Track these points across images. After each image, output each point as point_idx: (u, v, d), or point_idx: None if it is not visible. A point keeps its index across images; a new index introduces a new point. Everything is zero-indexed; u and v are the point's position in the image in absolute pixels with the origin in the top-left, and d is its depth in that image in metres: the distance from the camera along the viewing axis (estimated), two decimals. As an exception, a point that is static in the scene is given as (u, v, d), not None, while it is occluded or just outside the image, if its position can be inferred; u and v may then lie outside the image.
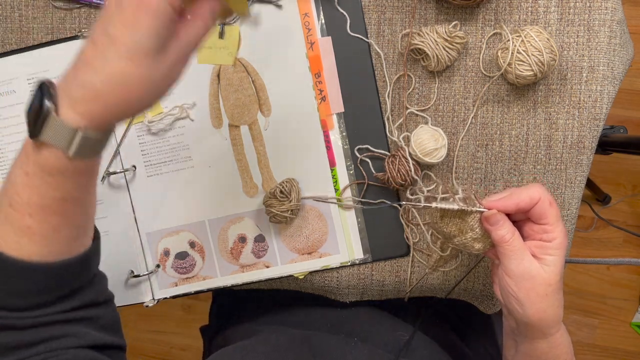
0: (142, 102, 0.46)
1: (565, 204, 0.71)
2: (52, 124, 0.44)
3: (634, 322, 1.55)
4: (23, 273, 0.49)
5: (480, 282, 0.74)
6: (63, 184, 0.47)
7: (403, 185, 0.69)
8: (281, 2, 0.71)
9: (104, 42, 0.43)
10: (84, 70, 0.44)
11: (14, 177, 0.48)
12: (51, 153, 0.45)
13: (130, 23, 0.42)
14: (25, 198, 0.47)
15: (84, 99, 0.44)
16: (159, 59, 0.44)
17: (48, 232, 0.48)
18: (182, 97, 0.73)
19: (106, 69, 0.43)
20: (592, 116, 0.69)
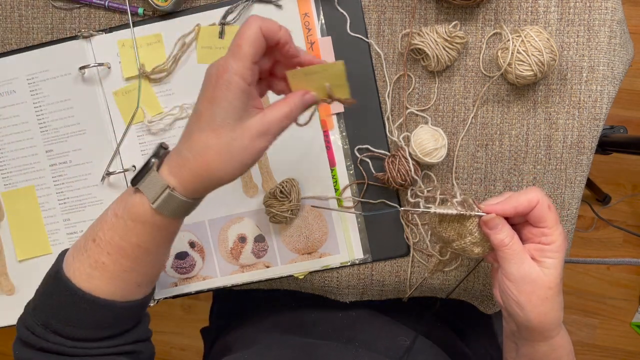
0: (222, 171, 0.50)
1: (565, 204, 0.71)
2: (150, 177, 0.51)
3: (634, 322, 1.55)
4: (89, 306, 0.53)
5: (481, 282, 0.74)
6: (141, 232, 0.53)
7: (403, 185, 0.69)
8: (281, 2, 0.71)
9: (194, 116, 0.50)
10: (181, 141, 0.51)
11: (105, 216, 0.54)
12: (141, 201, 0.52)
13: (210, 97, 0.49)
14: (108, 237, 0.53)
15: (177, 164, 0.51)
16: (238, 131, 0.49)
17: (118, 272, 0.54)
18: (182, 97, 0.73)
19: (191, 139, 0.50)
20: (592, 116, 0.69)
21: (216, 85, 0.48)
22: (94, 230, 0.55)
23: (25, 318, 0.56)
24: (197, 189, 0.52)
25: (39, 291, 0.57)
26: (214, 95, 0.48)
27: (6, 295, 0.78)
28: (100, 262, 0.53)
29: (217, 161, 0.49)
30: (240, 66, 0.48)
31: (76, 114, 0.74)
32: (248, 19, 0.50)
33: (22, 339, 0.56)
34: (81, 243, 0.56)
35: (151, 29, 0.72)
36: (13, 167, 0.76)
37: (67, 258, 0.56)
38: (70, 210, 0.76)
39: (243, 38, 0.49)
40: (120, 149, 0.74)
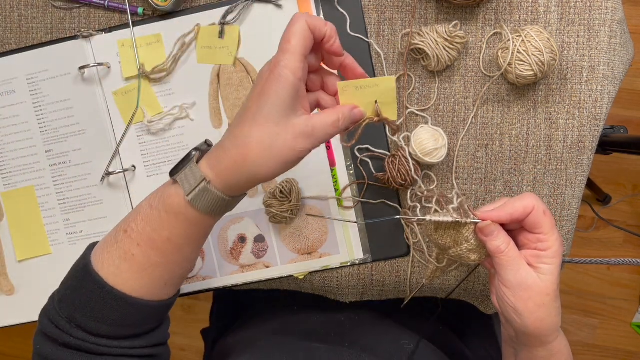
0: (259, 165, 0.49)
1: (566, 204, 0.71)
2: (188, 169, 0.51)
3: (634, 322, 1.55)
4: (115, 302, 0.53)
5: (481, 282, 0.74)
6: (174, 225, 0.52)
7: (403, 185, 0.69)
8: (281, 2, 0.71)
9: (241, 111, 0.51)
10: (224, 136, 0.51)
11: (140, 207, 0.54)
12: (176, 192, 0.52)
13: (260, 92, 0.49)
14: (141, 228, 0.53)
15: (216, 157, 0.51)
16: (282, 126, 0.49)
17: (147, 265, 0.53)
18: (182, 97, 0.73)
19: (234, 132, 0.50)
20: (592, 116, 0.69)
21: (267, 80, 0.48)
22: (126, 221, 0.55)
23: (49, 310, 0.55)
24: (232, 184, 0.51)
25: (65, 284, 0.56)
26: (264, 89, 0.48)
27: (6, 296, 0.78)
28: (130, 254, 0.53)
29: (257, 153, 0.49)
30: (291, 59, 0.48)
31: (76, 114, 0.74)
32: (294, 16, 0.50)
33: (45, 332, 0.55)
34: (112, 235, 0.55)
35: (151, 29, 0.72)
36: (13, 167, 0.76)
37: (95, 250, 0.55)
38: (70, 211, 0.76)
39: (291, 32, 0.49)
40: (120, 149, 0.74)
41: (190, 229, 0.53)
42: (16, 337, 1.75)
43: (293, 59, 0.48)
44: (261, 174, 0.50)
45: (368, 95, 0.54)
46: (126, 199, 0.75)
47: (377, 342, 0.74)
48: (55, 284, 0.77)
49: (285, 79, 0.48)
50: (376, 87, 0.54)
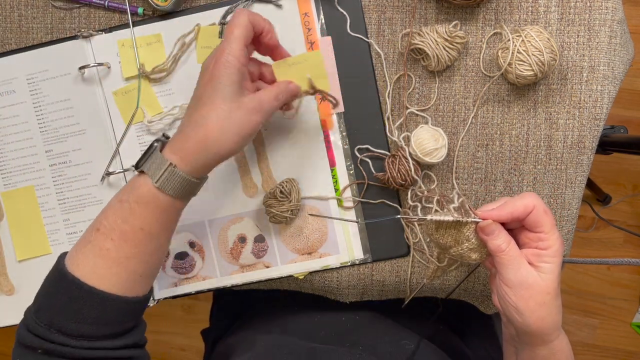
0: (220, 142, 0.55)
1: (566, 204, 0.71)
2: (152, 157, 0.55)
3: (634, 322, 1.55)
4: (93, 299, 0.54)
5: (481, 282, 0.74)
6: (145, 214, 0.55)
7: (403, 185, 0.69)
8: (281, 2, 0.71)
9: (193, 100, 0.57)
10: (182, 123, 0.57)
11: (108, 205, 0.57)
12: (144, 181, 0.55)
13: (209, 78, 0.55)
14: (112, 222, 0.55)
15: (179, 141, 0.56)
16: (235, 104, 0.55)
17: (121, 258, 0.55)
18: (182, 97, 0.73)
19: (193, 116, 0.56)
20: (592, 116, 0.69)
21: (215, 67, 0.55)
22: (97, 220, 0.57)
23: (26, 322, 0.56)
24: (198, 165, 0.55)
25: (40, 294, 0.57)
26: (213, 75, 0.55)
27: (6, 296, 0.78)
28: (104, 249, 0.55)
29: (216, 132, 0.54)
30: (235, 47, 0.55)
31: (76, 114, 0.74)
32: (236, 11, 0.57)
33: (24, 343, 0.55)
34: (84, 237, 0.57)
35: (151, 29, 0.72)
36: (13, 167, 0.76)
37: (69, 256, 0.57)
38: (70, 210, 0.76)
39: (234, 24, 0.56)
40: (120, 149, 0.74)
41: (162, 215, 0.56)
42: (16, 337, 1.75)
43: (236, 47, 0.55)
44: (224, 149, 0.55)
45: (300, 71, 0.62)
46: (126, 199, 0.75)
47: (377, 343, 0.74)
48: (55, 284, 0.77)
49: (231, 64, 0.55)
50: (306, 62, 0.62)
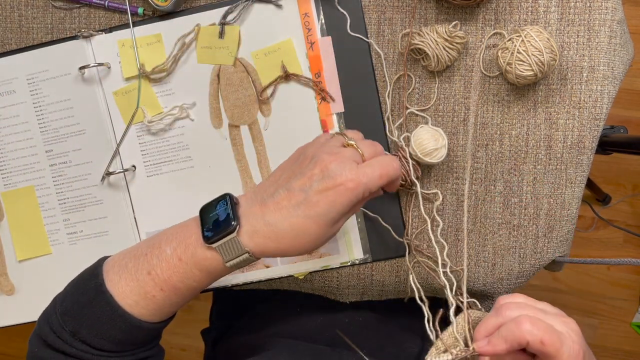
0: (303, 251, 0.54)
1: (566, 204, 0.71)
2: (229, 241, 0.52)
3: (634, 322, 1.55)
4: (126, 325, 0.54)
5: (481, 282, 0.74)
6: (203, 279, 0.55)
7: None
8: (281, 2, 0.71)
9: (300, 199, 0.52)
10: (274, 212, 0.53)
11: (164, 254, 0.55)
12: (213, 258, 0.53)
13: (330, 198, 0.51)
14: (166, 276, 0.54)
15: (265, 235, 0.52)
16: (334, 225, 0.54)
17: (165, 305, 0.55)
18: (182, 97, 0.73)
19: (292, 219, 0.52)
20: (592, 116, 0.69)
21: (344, 192, 0.51)
22: (149, 262, 0.55)
23: (51, 319, 0.55)
24: (270, 255, 0.55)
25: (72, 295, 0.56)
26: (335, 199, 0.52)
27: (6, 295, 0.78)
28: (150, 295, 0.54)
29: (307, 243, 0.53)
30: (374, 185, 0.53)
31: (76, 114, 0.74)
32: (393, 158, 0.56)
33: (44, 339, 0.55)
34: (130, 266, 0.55)
35: (151, 29, 0.72)
36: (13, 167, 0.76)
37: (110, 274, 0.56)
38: (70, 210, 0.76)
39: (389, 168, 0.54)
40: (120, 149, 0.74)
41: (216, 279, 0.56)
42: (16, 337, 1.75)
43: (374, 185, 0.53)
44: (298, 254, 0.55)
45: (275, 58, 0.69)
46: (126, 199, 0.75)
47: (381, 345, 0.73)
48: (55, 283, 0.77)
49: (360, 196, 0.52)
50: (280, 50, 0.69)
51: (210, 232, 0.53)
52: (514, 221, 0.71)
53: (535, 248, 0.72)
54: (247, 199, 0.56)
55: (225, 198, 0.55)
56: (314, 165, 0.53)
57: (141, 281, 0.54)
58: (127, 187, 0.75)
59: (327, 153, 0.53)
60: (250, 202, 0.55)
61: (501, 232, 0.72)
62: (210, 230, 0.53)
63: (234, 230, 0.52)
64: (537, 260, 0.72)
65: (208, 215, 0.55)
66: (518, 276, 0.72)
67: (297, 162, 0.56)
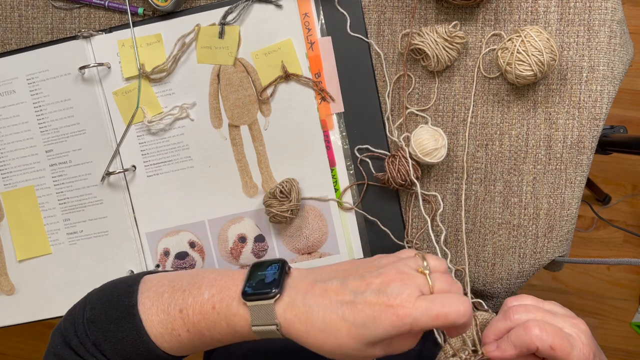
0: (324, 351, 0.49)
1: (565, 204, 0.71)
2: (264, 305, 0.50)
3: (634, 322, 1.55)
4: (148, 353, 0.54)
5: (481, 282, 0.74)
6: (228, 335, 0.53)
7: (403, 186, 0.69)
8: (281, 2, 0.71)
9: (347, 298, 0.48)
10: (317, 297, 0.49)
11: (200, 296, 0.53)
12: (243, 317, 0.51)
13: (374, 313, 0.46)
14: (196, 320, 0.53)
15: (297, 313, 0.49)
16: (367, 347, 0.48)
17: (187, 346, 0.55)
18: (182, 97, 0.73)
19: (328, 313, 0.48)
20: (592, 116, 0.69)
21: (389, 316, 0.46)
22: (185, 300, 0.54)
23: (77, 323, 0.55)
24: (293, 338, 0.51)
25: (102, 308, 0.56)
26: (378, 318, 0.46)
27: (6, 295, 0.78)
28: (176, 333, 0.54)
29: (332, 348, 0.49)
30: (424, 324, 0.46)
31: (76, 114, 0.74)
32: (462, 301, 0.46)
33: (67, 340, 0.55)
34: (166, 297, 0.55)
35: (151, 29, 0.72)
36: (13, 167, 0.76)
37: (144, 297, 0.55)
38: (70, 210, 0.76)
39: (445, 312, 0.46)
40: (120, 149, 0.74)
41: (240, 339, 0.55)
42: (16, 337, 1.75)
43: (426, 324, 0.46)
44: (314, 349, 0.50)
45: (275, 58, 0.70)
46: (126, 199, 0.75)
47: None
48: (55, 284, 0.77)
49: (403, 328, 0.46)
50: (280, 50, 0.69)
51: (250, 288, 0.52)
52: (513, 221, 0.71)
53: (535, 248, 0.72)
54: (300, 273, 0.54)
55: (278, 263, 0.54)
56: (377, 275, 0.49)
57: (172, 316, 0.54)
58: (127, 187, 0.75)
59: (397, 270, 0.49)
60: (302, 277, 0.53)
61: (501, 232, 0.72)
62: (252, 287, 0.52)
63: (272, 297, 0.50)
64: (536, 260, 0.72)
65: (256, 273, 0.53)
66: (518, 276, 0.72)
67: (366, 264, 0.52)
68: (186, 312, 0.53)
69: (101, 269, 0.77)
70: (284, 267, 0.53)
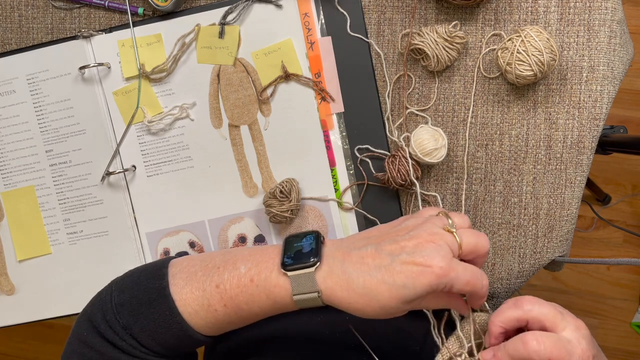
0: (365, 314, 0.52)
1: (565, 204, 0.71)
2: (305, 274, 0.52)
3: (634, 322, 1.55)
4: (181, 333, 0.54)
5: (480, 282, 0.74)
6: (267, 307, 0.54)
7: (403, 186, 0.69)
8: (281, 2, 0.71)
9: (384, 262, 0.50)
10: (354, 264, 0.51)
11: (238, 271, 0.54)
12: (283, 287, 0.52)
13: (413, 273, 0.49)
14: (234, 294, 0.54)
15: (337, 281, 0.51)
16: (405, 304, 0.50)
17: (223, 321, 0.55)
18: (182, 97, 0.73)
19: (368, 278, 0.50)
20: (592, 116, 0.69)
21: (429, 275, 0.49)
22: (220, 275, 0.54)
23: (106, 307, 0.55)
24: (334, 304, 0.53)
25: (132, 292, 0.56)
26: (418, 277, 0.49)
27: (6, 295, 0.78)
28: (213, 308, 0.54)
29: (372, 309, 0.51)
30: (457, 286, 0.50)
31: (76, 114, 0.74)
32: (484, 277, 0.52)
33: (97, 327, 0.55)
34: (198, 274, 0.55)
35: (151, 29, 0.72)
36: (13, 167, 0.76)
37: (175, 276, 0.55)
38: (70, 210, 0.76)
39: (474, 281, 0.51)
40: (120, 149, 0.74)
41: (279, 311, 0.55)
42: (16, 337, 1.75)
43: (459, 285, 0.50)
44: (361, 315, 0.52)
45: (275, 58, 0.70)
46: (126, 199, 0.75)
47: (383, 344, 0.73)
48: (55, 284, 0.77)
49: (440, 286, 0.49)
50: (280, 50, 0.69)
51: (290, 259, 0.53)
52: (513, 221, 0.71)
53: (535, 248, 0.72)
54: (334, 243, 0.55)
55: (313, 234, 0.55)
56: (410, 237, 0.51)
57: (208, 292, 0.54)
58: (127, 187, 0.75)
59: (427, 232, 0.51)
60: (336, 246, 0.54)
61: (501, 232, 0.72)
62: (291, 258, 0.53)
63: (313, 265, 0.52)
64: (536, 260, 0.72)
65: (292, 245, 0.54)
66: (518, 276, 0.72)
67: (395, 228, 0.54)
68: (223, 287, 0.54)
69: (101, 269, 0.77)
70: (319, 238, 0.54)
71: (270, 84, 0.72)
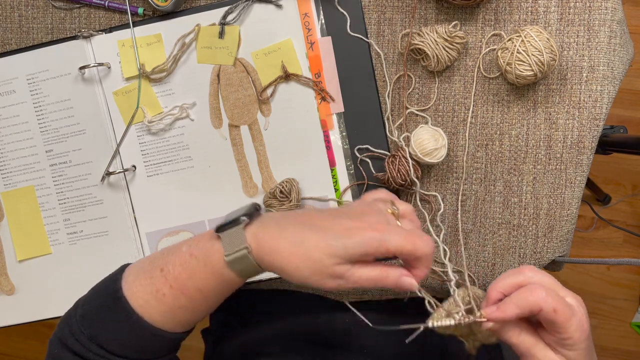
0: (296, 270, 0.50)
1: (565, 204, 0.71)
2: (234, 231, 0.52)
3: (634, 322, 1.55)
4: (141, 331, 0.54)
5: (480, 282, 0.74)
6: (209, 279, 0.54)
7: (403, 186, 0.69)
8: (281, 2, 0.71)
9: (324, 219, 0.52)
10: (287, 218, 0.53)
11: (179, 251, 0.55)
12: (216, 250, 0.53)
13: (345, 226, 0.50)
14: (177, 273, 0.54)
15: (269, 233, 0.52)
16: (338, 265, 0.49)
17: (174, 307, 0.55)
18: (182, 97, 0.73)
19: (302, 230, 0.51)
20: (592, 116, 0.69)
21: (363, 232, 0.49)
22: (164, 259, 0.55)
23: (71, 321, 0.56)
24: (266, 263, 0.52)
25: (92, 302, 0.57)
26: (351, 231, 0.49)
27: (6, 295, 0.78)
28: (161, 293, 0.54)
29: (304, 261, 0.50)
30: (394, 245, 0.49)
31: (76, 114, 0.74)
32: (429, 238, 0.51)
33: (64, 341, 0.55)
34: (146, 267, 0.56)
35: (151, 29, 0.72)
36: (13, 167, 0.76)
37: (128, 277, 0.56)
38: (70, 210, 0.76)
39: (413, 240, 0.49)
40: (120, 149, 0.74)
41: (222, 285, 0.55)
42: (16, 337, 1.76)
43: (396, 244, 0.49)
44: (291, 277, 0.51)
45: (275, 58, 0.69)
46: (126, 199, 0.75)
47: (383, 345, 0.73)
48: (55, 284, 0.77)
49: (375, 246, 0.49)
50: (280, 50, 0.69)
51: (223, 223, 0.54)
52: (513, 221, 0.71)
53: (535, 248, 0.72)
54: (275, 213, 0.56)
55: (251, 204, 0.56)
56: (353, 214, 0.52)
57: (154, 278, 0.55)
58: (127, 187, 0.75)
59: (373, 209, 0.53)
60: (276, 213, 0.56)
61: (501, 232, 0.72)
62: (225, 222, 0.54)
63: (240, 222, 0.52)
64: (536, 260, 0.72)
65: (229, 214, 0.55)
66: (518, 276, 0.72)
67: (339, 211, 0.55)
68: (167, 269, 0.55)
69: (101, 269, 0.76)
70: (255, 205, 0.55)
71: (270, 84, 0.72)
